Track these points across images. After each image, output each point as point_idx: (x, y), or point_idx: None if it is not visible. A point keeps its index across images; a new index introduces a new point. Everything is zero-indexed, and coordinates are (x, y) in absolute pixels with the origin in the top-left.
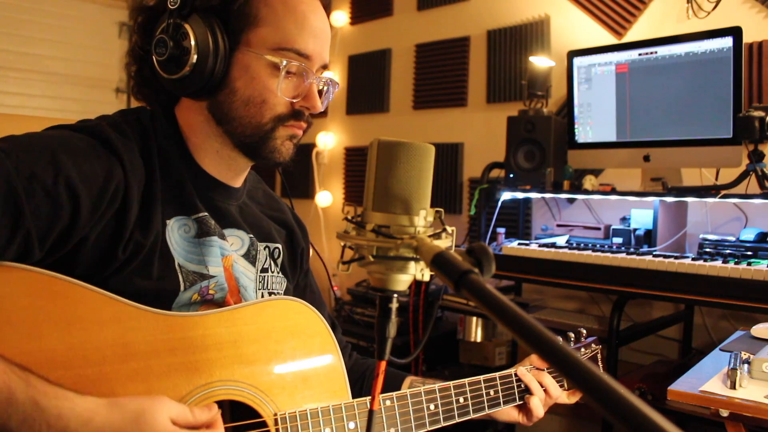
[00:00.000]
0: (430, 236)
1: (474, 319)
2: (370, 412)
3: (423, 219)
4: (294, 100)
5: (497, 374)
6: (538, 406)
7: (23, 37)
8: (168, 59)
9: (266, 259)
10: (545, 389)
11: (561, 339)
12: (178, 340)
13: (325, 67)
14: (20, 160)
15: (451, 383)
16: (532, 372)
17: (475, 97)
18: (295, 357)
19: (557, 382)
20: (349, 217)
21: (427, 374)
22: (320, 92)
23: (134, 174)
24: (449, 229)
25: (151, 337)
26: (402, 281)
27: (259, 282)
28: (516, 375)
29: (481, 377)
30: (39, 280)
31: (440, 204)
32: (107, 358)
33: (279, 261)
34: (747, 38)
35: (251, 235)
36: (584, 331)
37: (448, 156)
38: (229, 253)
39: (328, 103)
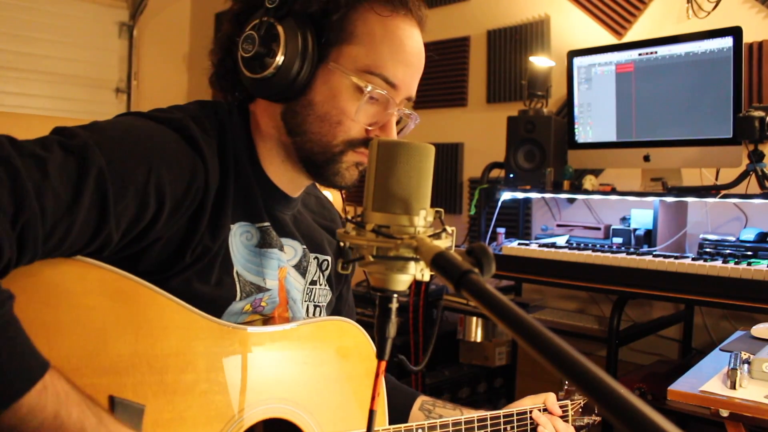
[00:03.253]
0: (430, 236)
1: (474, 319)
2: (371, 412)
3: (423, 219)
4: (370, 128)
5: (514, 410)
6: None
7: (23, 37)
8: (253, 57)
9: (315, 270)
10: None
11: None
12: (237, 353)
13: (410, 99)
14: (114, 155)
15: (475, 416)
16: (546, 415)
17: (475, 97)
18: (343, 380)
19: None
20: (349, 217)
21: (428, 374)
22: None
23: (213, 175)
24: (449, 229)
25: (213, 349)
26: (402, 281)
27: (306, 294)
28: (531, 414)
29: (501, 412)
30: (112, 279)
31: (440, 204)
32: (170, 368)
33: (326, 273)
34: (747, 38)
35: (304, 246)
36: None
37: (448, 156)
38: (285, 264)
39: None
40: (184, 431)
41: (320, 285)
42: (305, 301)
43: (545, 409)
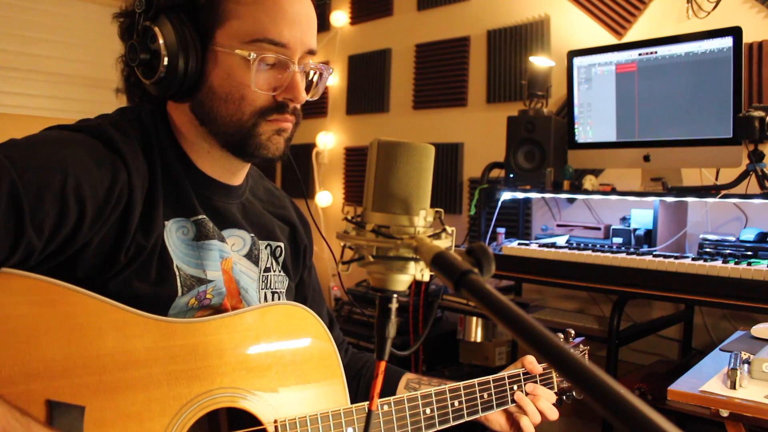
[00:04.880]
0: (429, 236)
1: (474, 319)
2: (369, 413)
3: (423, 219)
4: (274, 93)
5: (491, 377)
6: (529, 427)
7: (23, 37)
8: (141, 64)
9: (268, 258)
10: (541, 412)
11: None
12: (179, 347)
13: (311, 53)
14: (27, 167)
15: (446, 387)
16: (529, 397)
17: (475, 97)
18: (295, 363)
19: (548, 385)
20: (349, 217)
21: (427, 374)
22: (311, 81)
23: (138, 175)
24: (449, 229)
25: (152, 345)
26: (402, 281)
27: (262, 282)
28: (508, 378)
29: (476, 381)
30: (38, 287)
31: (440, 204)
32: (107, 367)
33: (280, 259)
34: (747, 38)
35: (252, 235)
36: (572, 332)
37: (448, 156)
38: (229, 255)
39: (322, 90)
40: (129, 428)
41: (275, 272)
42: (262, 289)
43: (527, 375)
